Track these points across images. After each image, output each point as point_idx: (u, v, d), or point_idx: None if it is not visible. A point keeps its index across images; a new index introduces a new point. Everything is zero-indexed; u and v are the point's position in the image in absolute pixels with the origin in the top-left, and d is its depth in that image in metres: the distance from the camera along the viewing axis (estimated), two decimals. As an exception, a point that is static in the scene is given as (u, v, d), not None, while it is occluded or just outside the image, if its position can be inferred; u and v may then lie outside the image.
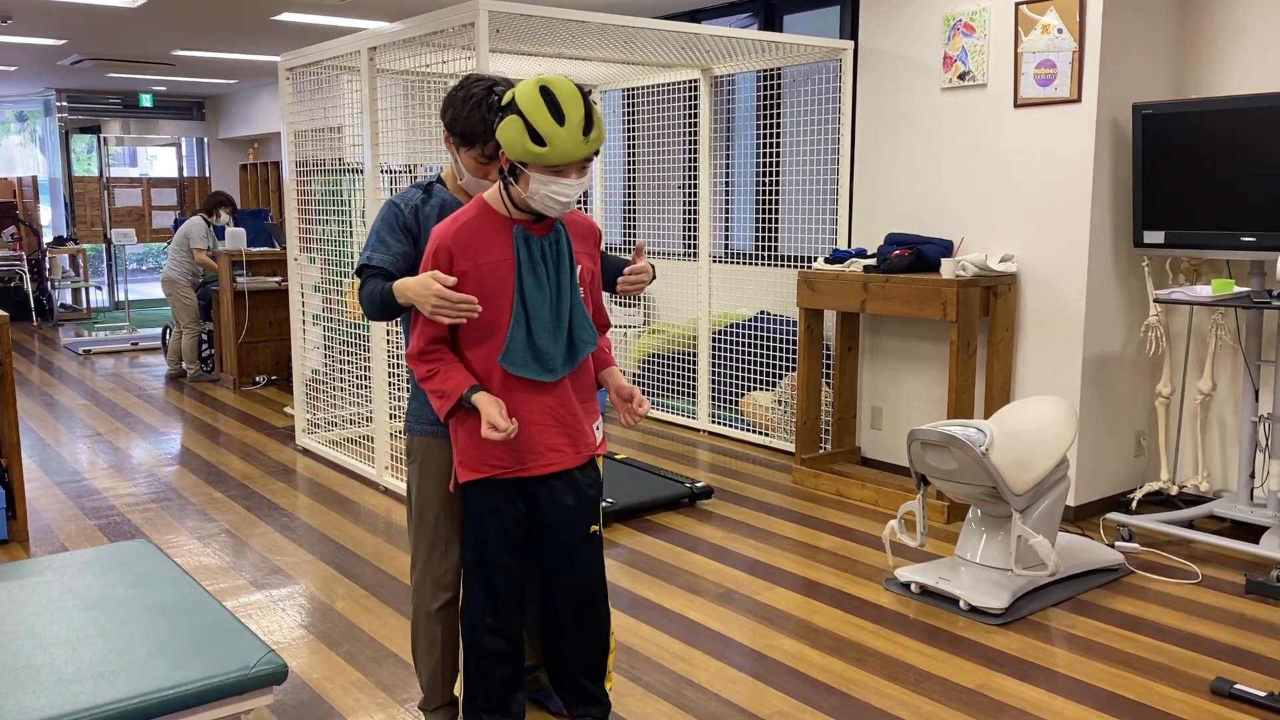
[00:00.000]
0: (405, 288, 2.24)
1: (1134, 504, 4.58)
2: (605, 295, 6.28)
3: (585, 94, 2.15)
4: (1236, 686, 2.96)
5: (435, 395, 2.31)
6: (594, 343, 2.37)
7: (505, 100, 2.17)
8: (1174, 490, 4.57)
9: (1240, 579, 3.89)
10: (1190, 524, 4.38)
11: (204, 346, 8.27)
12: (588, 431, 2.41)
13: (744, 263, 6.39)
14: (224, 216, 8.20)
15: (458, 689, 2.92)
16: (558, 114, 2.10)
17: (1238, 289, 4.06)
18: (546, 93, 2.10)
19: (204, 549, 4.26)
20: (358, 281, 2.45)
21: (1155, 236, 4.26)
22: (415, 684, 3.08)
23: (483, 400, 2.24)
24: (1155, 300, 4.14)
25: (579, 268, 2.35)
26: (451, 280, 2.18)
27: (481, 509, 2.39)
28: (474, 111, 2.35)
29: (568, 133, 2.10)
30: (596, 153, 2.20)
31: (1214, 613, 3.59)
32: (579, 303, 2.33)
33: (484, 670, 2.48)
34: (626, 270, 2.52)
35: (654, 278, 2.58)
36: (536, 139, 2.10)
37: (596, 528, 2.46)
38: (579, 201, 5.88)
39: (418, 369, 2.32)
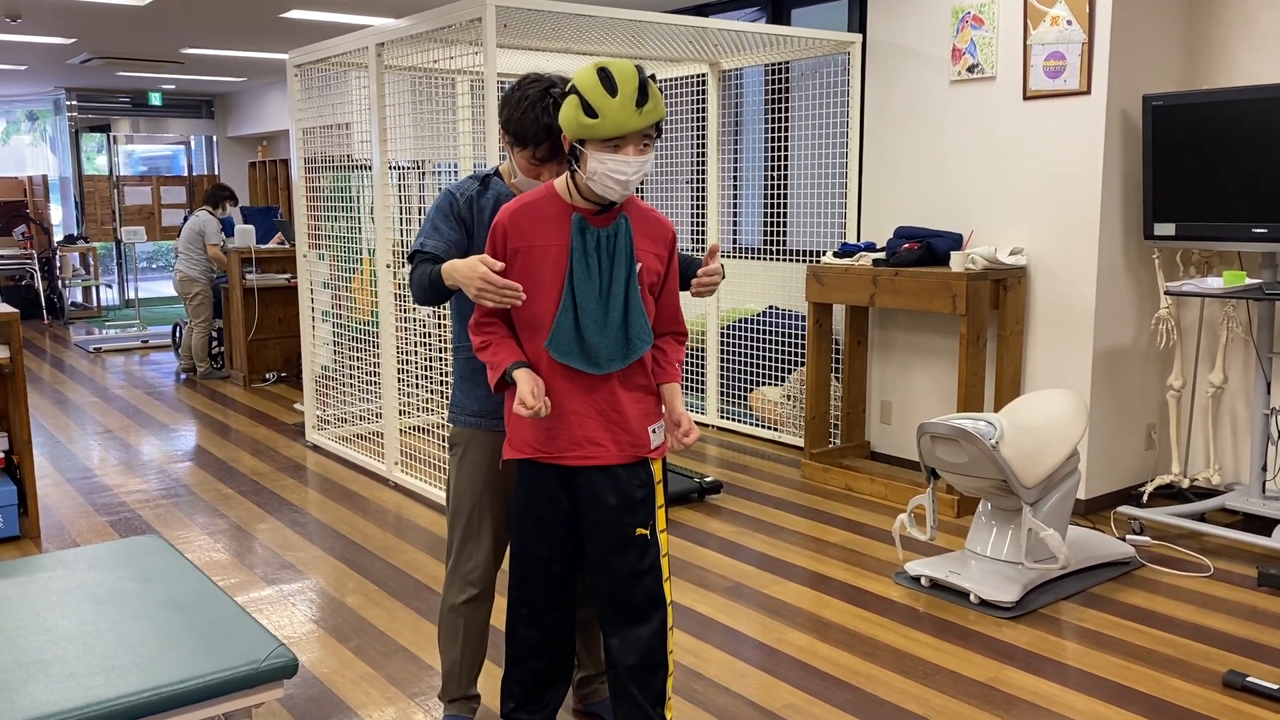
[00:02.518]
0: (454, 269, 2.26)
1: (1145, 497, 4.57)
2: None
3: (643, 72, 2.17)
4: (1249, 679, 2.95)
5: (489, 366, 2.33)
6: (648, 343, 2.33)
7: (567, 88, 2.21)
8: (1185, 483, 4.55)
9: (1252, 572, 3.87)
10: (1202, 517, 4.36)
11: (214, 344, 8.29)
12: (637, 431, 2.35)
13: (752, 257, 6.38)
14: (229, 209, 8.20)
15: (481, 687, 2.90)
16: (611, 87, 2.13)
17: (1249, 281, 4.04)
18: (602, 71, 2.15)
19: (214, 545, 4.27)
20: (408, 267, 2.45)
21: (1166, 228, 4.24)
22: (425, 678, 3.09)
23: (520, 376, 2.24)
24: (1166, 292, 4.13)
25: (639, 265, 2.31)
26: (499, 265, 2.19)
27: (522, 492, 2.40)
28: (527, 113, 2.35)
29: (619, 104, 2.12)
30: (658, 131, 2.20)
31: (1226, 606, 3.57)
32: (636, 301, 2.29)
33: (519, 658, 2.49)
34: (700, 272, 2.47)
35: (723, 277, 2.56)
36: (590, 111, 2.13)
37: (644, 531, 2.38)
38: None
39: (474, 339, 2.35)
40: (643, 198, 7.08)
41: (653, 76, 2.26)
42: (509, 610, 2.48)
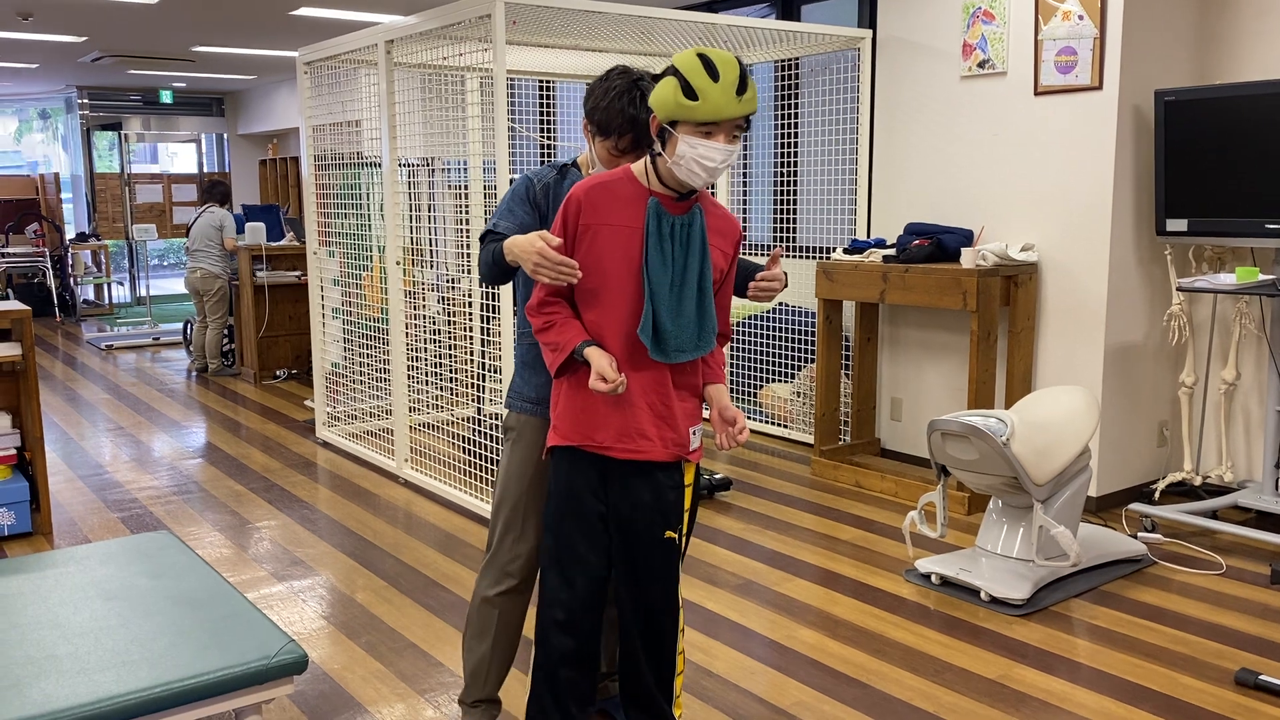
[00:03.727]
0: (514, 244, 2.25)
1: (1157, 494, 4.55)
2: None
3: (742, 62, 2.17)
4: (1262, 677, 2.94)
5: (549, 348, 2.29)
6: (714, 338, 2.31)
7: (662, 71, 2.20)
8: (1197, 481, 4.53)
9: (1265, 570, 3.85)
10: (1214, 514, 4.34)
11: (225, 341, 8.32)
12: (682, 431, 2.33)
13: (762, 253, 6.36)
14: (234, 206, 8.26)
15: (503, 691, 2.87)
16: (713, 72, 2.11)
17: (1262, 277, 4.01)
18: (703, 56, 2.13)
19: (225, 541, 4.28)
20: (478, 246, 2.44)
21: (1178, 224, 4.22)
22: (435, 675, 3.09)
23: (594, 353, 2.21)
24: (1178, 289, 4.10)
25: (709, 259, 2.29)
26: (557, 241, 2.18)
27: (563, 484, 2.34)
28: (614, 102, 2.34)
29: (721, 89, 2.10)
30: (749, 122, 2.19)
31: (1238, 603, 3.56)
32: (708, 292, 2.27)
33: (550, 668, 2.38)
34: (760, 276, 2.45)
35: (785, 285, 2.53)
36: (690, 93, 2.10)
37: (672, 534, 2.35)
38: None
39: (535, 320, 2.30)
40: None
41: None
42: (541, 617, 2.38)
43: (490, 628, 2.56)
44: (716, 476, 4.83)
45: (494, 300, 4.70)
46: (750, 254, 6.44)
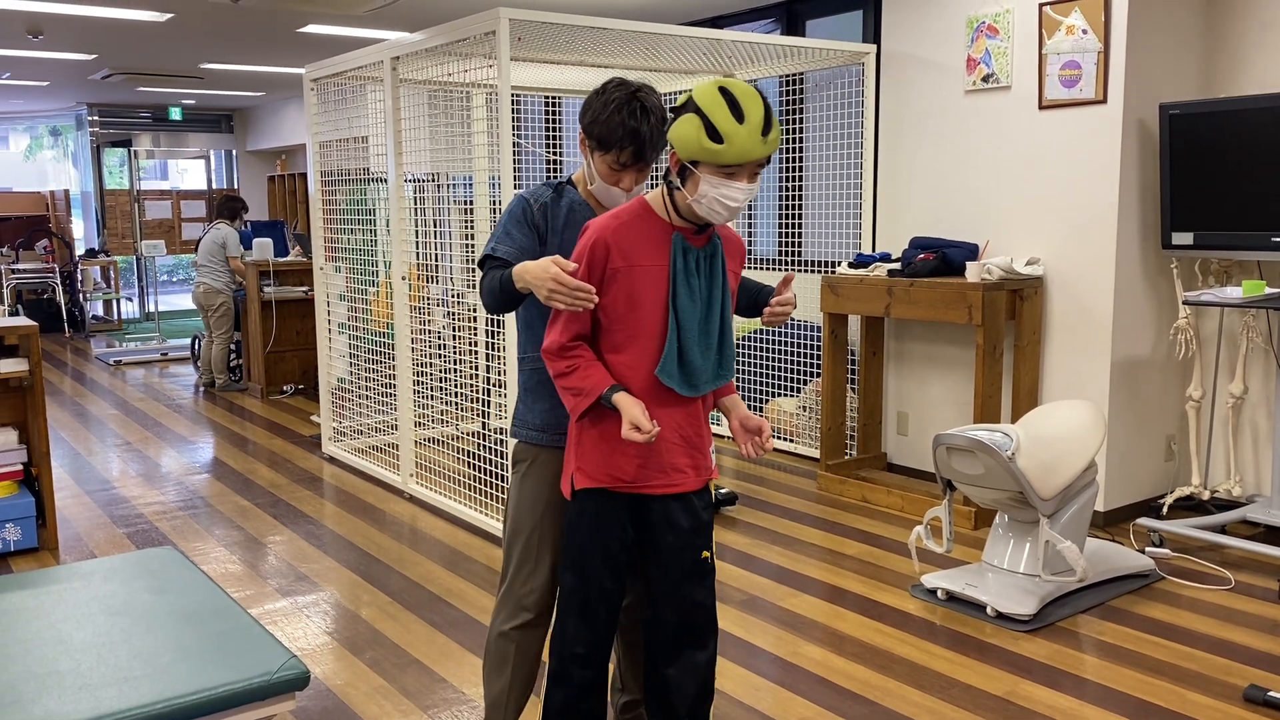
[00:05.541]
0: (525, 270, 2.19)
1: (1165, 509, 4.52)
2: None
3: (765, 96, 2.12)
4: (1270, 694, 2.91)
5: (571, 392, 2.23)
6: (734, 363, 2.29)
7: (681, 101, 2.13)
8: (1206, 495, 4.51)
9: (1274, 585, 3.83)
10: (1223, 529, 4.31)
11: (232, 356, 8.35)
12: (708, 454, 2.33)
13: (768, 268, 6.37)
14: (243, 221, 8.32)
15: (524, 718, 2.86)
16: (738, 112, 2.05)
17: (1269, 290, 4.00)
18: (726, 92, 2.07)
19: (230, 556, 4.29)
20: (479, 273, 2.36)
21: (1184, 238, 4.21)
22: (439, 691, 3.08)
23: (624, 400, 2.15)
24: (1185, 302, 4.09)
25: (729, 288, 2.28)
26: (572, 266, 2.14)
27: (589, 524, 2.28)
28: (614, 116, 2.28)
29: (747, 131, 2.05)
30: (768, 160, 2.15)
31: (1247, 619, 3.53)
32: (729, 320, 2.26)
33: (570, 704, 2.34)
34: (774, 301, 2.42)
35: (795, 306, 2.51)
36: (715, 136, 2.05)
37: (708, 554, 2.33)
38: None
39: (555, 364, 2.25)
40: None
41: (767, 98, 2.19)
42: (560, 654, 2.33)
43: (508, 661, 2.52)
44: (722, 491, 4.82)
45: (499, 315, 4.70)
46: (754, 268, 6.44)
